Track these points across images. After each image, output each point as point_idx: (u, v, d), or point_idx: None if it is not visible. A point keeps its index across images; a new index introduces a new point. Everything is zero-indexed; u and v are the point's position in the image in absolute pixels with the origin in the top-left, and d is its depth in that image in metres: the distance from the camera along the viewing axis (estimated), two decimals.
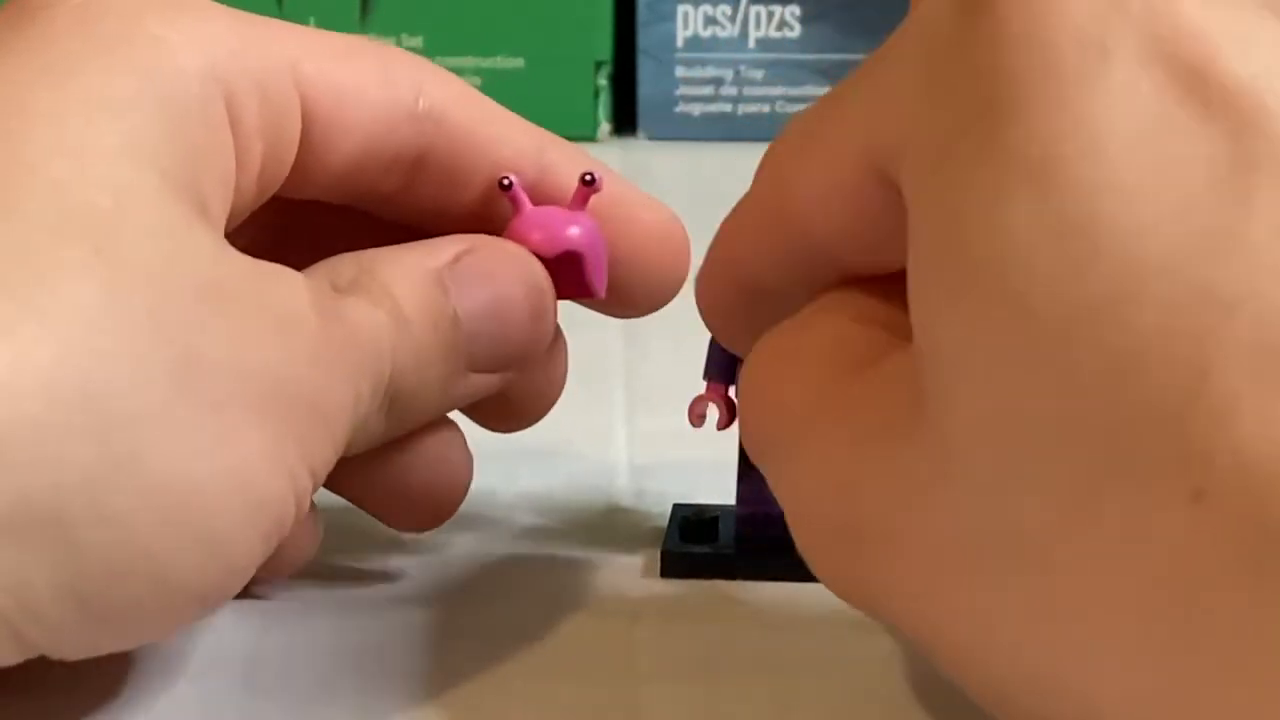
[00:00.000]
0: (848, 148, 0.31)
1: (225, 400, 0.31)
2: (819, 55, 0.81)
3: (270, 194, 0.36)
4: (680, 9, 0.80)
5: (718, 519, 0.40)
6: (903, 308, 0.29)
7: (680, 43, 0.81)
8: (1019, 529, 0.27)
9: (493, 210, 0.38)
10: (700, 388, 0.40)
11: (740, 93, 0.81)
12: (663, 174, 0.77)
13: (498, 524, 0.42)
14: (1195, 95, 0.26)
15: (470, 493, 0.43)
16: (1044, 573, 0.27)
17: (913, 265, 0.29)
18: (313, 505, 0.37)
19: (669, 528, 0.41)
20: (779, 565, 0.38)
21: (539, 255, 0.37)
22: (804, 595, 0.37)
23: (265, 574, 0.37)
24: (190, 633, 0.36)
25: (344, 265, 0.35)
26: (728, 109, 0.81)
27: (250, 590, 0.38)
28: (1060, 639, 0.27)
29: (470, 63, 0.78)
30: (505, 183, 0.37)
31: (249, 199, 0.35)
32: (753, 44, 0.81)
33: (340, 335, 0.33)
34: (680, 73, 0.81)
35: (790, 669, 0.35)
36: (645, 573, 0.40)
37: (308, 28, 0.36)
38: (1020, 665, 0.27)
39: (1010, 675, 0.28)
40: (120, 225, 0.31)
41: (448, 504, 0.38)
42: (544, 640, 0.37)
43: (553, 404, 0.40)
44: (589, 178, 0.37)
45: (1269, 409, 0.25)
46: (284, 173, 0.35)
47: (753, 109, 0.81)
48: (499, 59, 0.78)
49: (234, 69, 0.34)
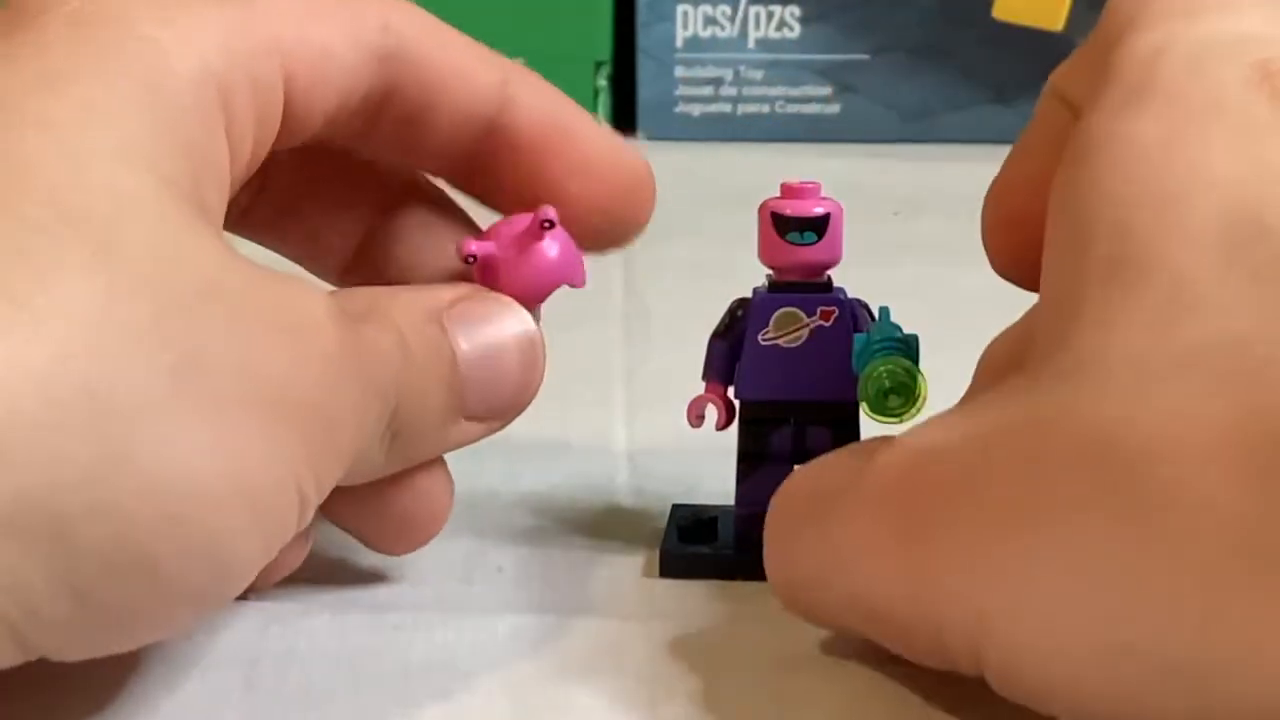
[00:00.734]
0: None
1: (224, 399, 0.31)
2: (819, 55, 0.81)
3: (255, 169, 0.36)
4: (680, 9, 0.80)
5: (716, 519, 0.40)
6: None
7: (680, 43, 0.81)
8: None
9: (463, 144, 0.38)
10: (700, 388, 0.40)
11: (740, 93, 0.81)
12: (663, 174, 0.77)
13: (498, 524, 0.42)
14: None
15: (470, 493, 0.43)
16: None
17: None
18: None
19: (668, 528, 0.41)
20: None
21: (549, 291, 0.38)
22: None
23: (259, 582, 0.37)
24: (190, 633, 0.36)
25: (353, 297, 0.35)
26: (727, 109, 0.81)
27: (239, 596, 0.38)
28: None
29: None
30: (469, 259, 0.37)
31: (239, 182, 0.35)
32: (752, 44, 0.81)
33: (356, 350, 0.34)
34: (680, 73, 0.81)
35: (790, 669, 0.35)
36: (645, 573, 0.40)
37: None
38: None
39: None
40: (120, 228, 0.31)
41: (427, 531, 0.38)
42: (544, 640, 0.37)
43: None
44: (548, 224, 0.38)
45: None
46: (269, 147, 0.36)
47: (752, 109, 0.81)
48: None
49: (226, 64, 0.34)
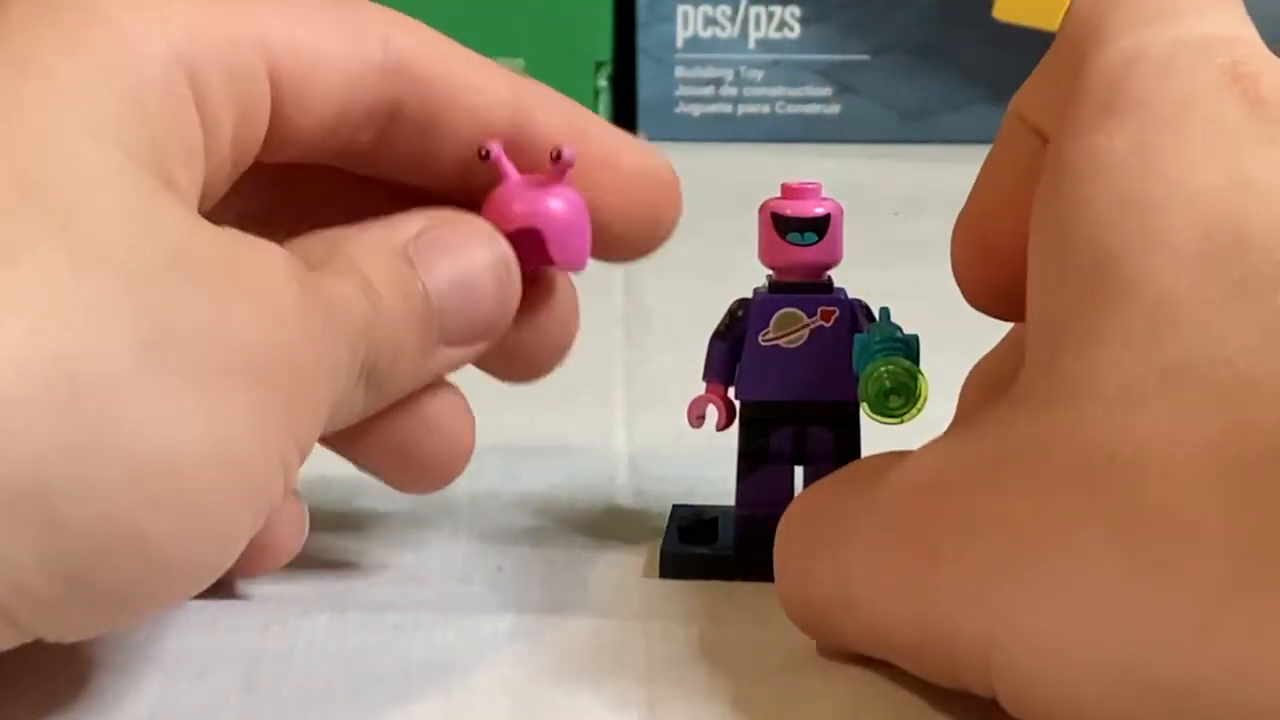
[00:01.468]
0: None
1: (200, 368, 0.31)
2: (819, 56, 0.81)
3: (249, 162, 0.36)
4: (680, 9, 0.80)
5: (717, 520, 0.40)
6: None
7: (680, 43, 0.81)
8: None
9: (474, 164, 0.38)
10: (700, 388, 0.40)
11: (740, 93, 0.81)
12: None
13: (498, 524, 0.42)
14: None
15: (470, 493, 0.43)
16: None
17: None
18: (298, 497, 0.37)
19: (668, 528, 0.41)
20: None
21: (514, 227, 0.37)
22: None
23: (255, 569, 0.37)
24: (190, 633, 0.36)
25: (314, 243, 0.35)
26: (727, 109, 0.81)
27: (240, 588, 0.38)
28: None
29: None
30: (484, 153, 0.37)
31: (225, 169, 0.35)
32: (752, 44, 0.81)
33: (319, 305, 0.33)
34: (680, 73, 0.81)
35: (790, 669, 0.35)
36: (645, 573, 0.40)
37: None
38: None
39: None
40: (84, 201, 0.31)
41: (452, 468, 0.38)
42: (544, 640, 0.37)
43: (566, 351, 0.40)
44: (557, 155, 0.37)
45: None
46: (258, 140, 0.35)
47: (752, 109, 0.81)
48: (499, 59, 0.78)
49: (194, 48, 0.34)
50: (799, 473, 0.39)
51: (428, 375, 0.37)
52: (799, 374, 0.39)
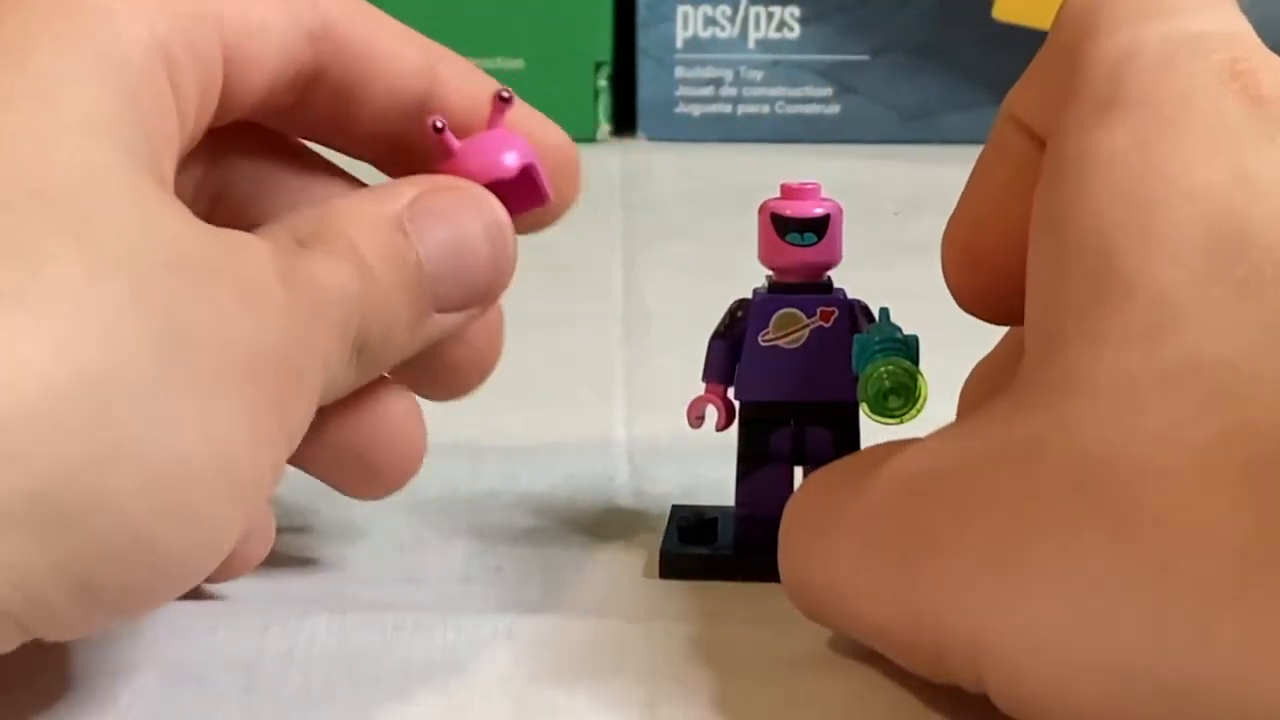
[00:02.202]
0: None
1: (207, 376, 0.31)
2: (818, 56, 0.81)
3: (200, 137, 0.36)
4: (680, 10, 0.80)
5: (716, 520, 0.40)
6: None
7: (680, 43, 0.81)
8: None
9: (390, 126, 0.38)
10: (700, 388, 0.40)
11: (740, 93, 0.81)
12: (663, 174, 0.77)
13: (498, 524, 0.42)
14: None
15: (470, 493, 0.43)
16: None
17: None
18: (268, 504, 0.36)
19: (667, 528, 0.41)
20: (777, 566, 0.38)
21: (514, 171, 0.37)
22: None
23: (221, 575, 0.37)
24: (190, 634, 0.36)
25: (304, 218, 0.35)
26: (727, 110, 0.81)
27: (240, 589, 0.38)
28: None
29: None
30: (438, 125, 0.37)
31: (186, 149, 0.35)
32: (752, 45, 0.81)
33: (308, 296, 0.33)
34: (680, 73, 0.81)
35: (790, 669, 0.35)
36: (645, 573, 0.40)
37: None
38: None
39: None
40: (93, 207, 0.31)
41: (406, 471, 0.38)
42: (544, 640, 0.37)
43: (493, 366, 0.39)
44: (506, 95, 0.37)
45: None
46: (210, 116, 0.35)
47: (752, 110, 0.81)
48: (499, 59, 0.78)
49: (169, 31, 0.34)
50: (799, 473, 0.39)
51: (421, 344, 0.36)
52: (798, 374, 0.39)
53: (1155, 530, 0.29)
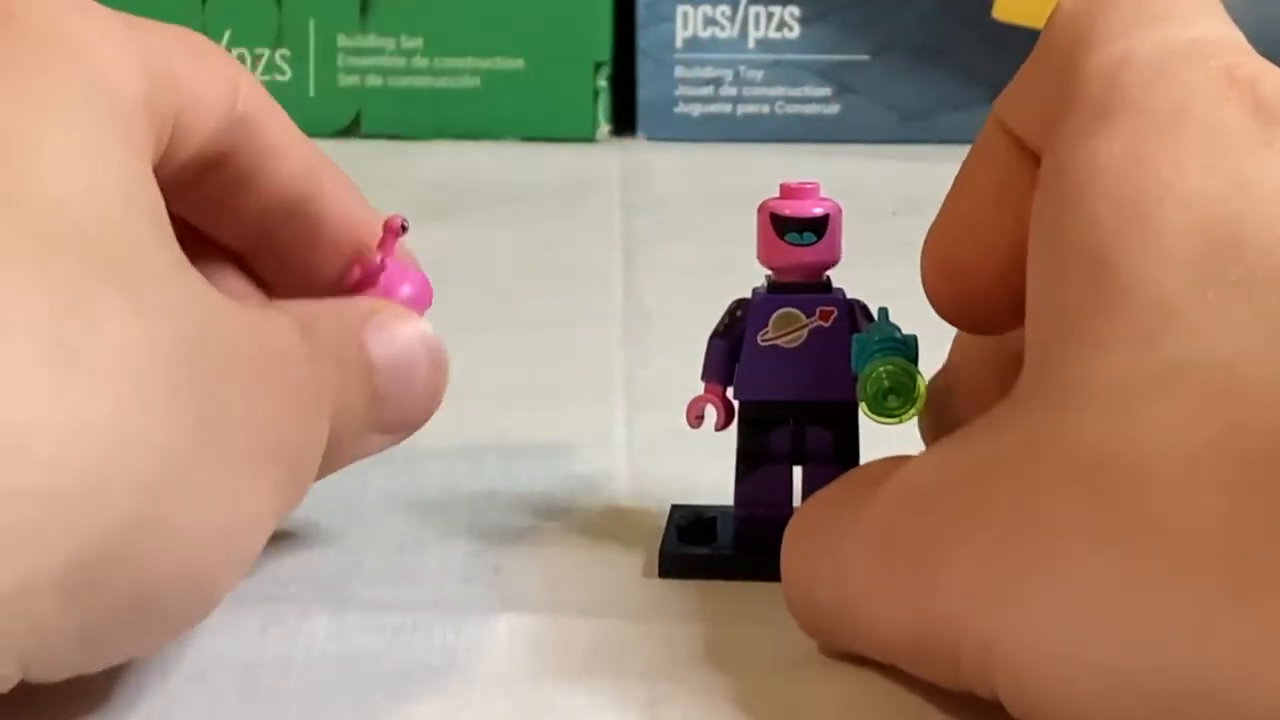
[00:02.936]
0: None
1: (235, 452, 0.32)
2: (818, 56, 0.81)
3: None
4: (680, 9, 0.80)
5: (716, 520, 0.40)
6: None
7: (679, 43, 0.81)
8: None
9: (266, 221, 0.39)
10: (700, 388, 0.40)
11: (740, 93, 0.81)
12: (662, 174, 0.77)
13: (498, 524, 0.42)
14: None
15: (469, 493, 0.43)
16: None
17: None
18: None
19: (667, 528, 0.41)
20: (777, 566, 0.38)
21: (423, 307, 0.39)
22: None
23: None
24: (189, 636, 0.36)
25: (292, 311, 0.35)
26: (727, 109, 0.81)
27: (240, 590, 0.38)
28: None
29: (470, 63, 0.78)
30: (404, 225, 0.39)
31: None
32: (752, 44, 0.81)
33: (320, 377, 0.34)
34: (679, 73, 0.81)
35: (790, 669, 0.35)
36: (645, 573, 0.40)
37: (152, 23, 0.35)
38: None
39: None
40: (140, 270, 0.31)
41: None
42: (543, 640, 0.37)
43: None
44: (404, 225, 0.39)
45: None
46: None
47: (752, 109, 0.81)
48: (499, 59, 0.78)
49: (148, 90, 0.34)
50: (798, 473, 0.39)
51: (351, 459, 0.37)
52: (798, 374, 0.39)
53: (1154, 533, 0.29)
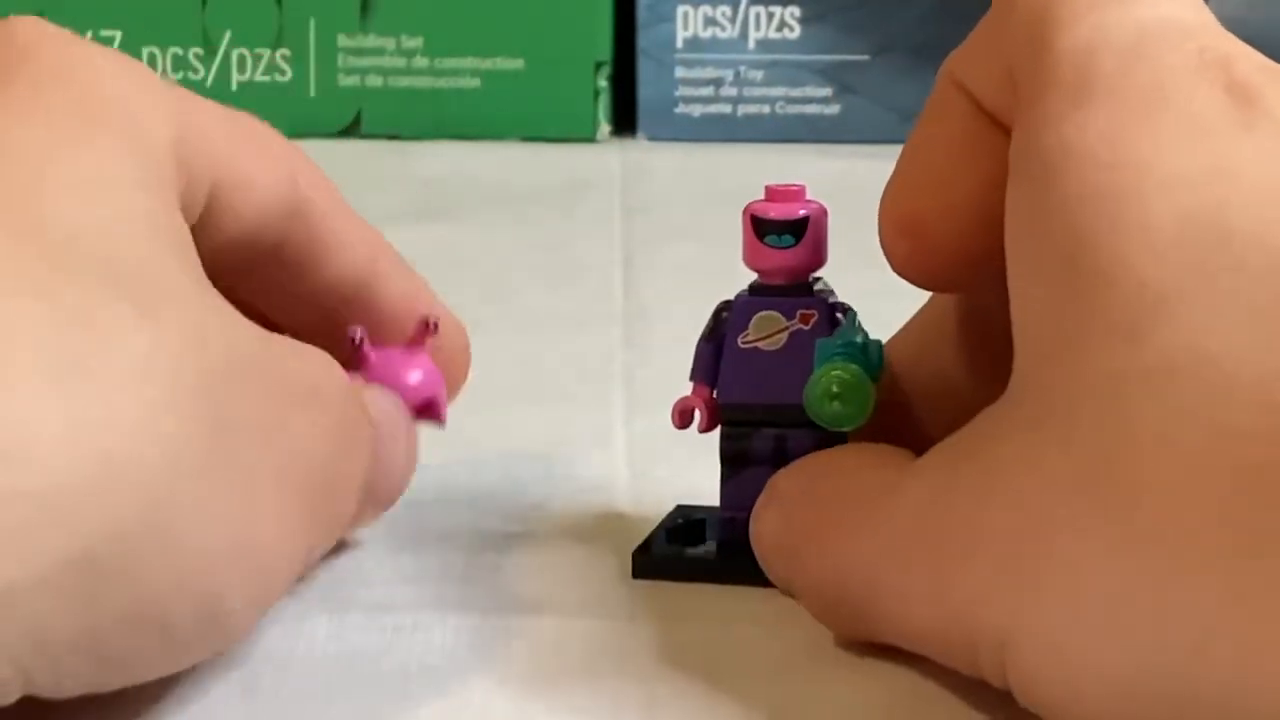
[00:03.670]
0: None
1: (253, 472, 0.32)
2: (819, 56, 0.81)
3: None
4: (680, 10, 0.80)
5: (704, 522, 0.40)
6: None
7: (680, 43, 0.81)
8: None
9: (322, 306, 0.39)
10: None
11: (740, 93, 0.81)
12: (662, 174, 0.77)
13: (498, 524, 0.42)
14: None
15: (469, 493, 0.43)
16: None
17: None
18: None
19: (657, 529, 0.40)
20: (755, 570, 0.38)
21: (421, 398, 0.39)
22: None
23: None
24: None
25: None
26: (727, 110, 0.81)
27: None
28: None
29: (470, 63, 0.78)
30: (355, 338, 0.38)
31: None
32: (752, 45, 0.81)
33: (362, 418, 0.35)
34: (680, 73, 0.81)
35: (789, 670, 0.35)
36: None
37: (203, 99, 0.36)
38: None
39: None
40: (157, 290, 0.31)
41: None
42: (543, 642, 0.37)
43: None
44: (432, 324, 0.39)
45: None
46: None
47: (752, 110, 0.81)
48: (499, 59, 0.78)
49: (177, 141, 0.34)
50: None
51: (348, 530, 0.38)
52: (779, 377, 0.38)
53: (1152, 542, 0.29)
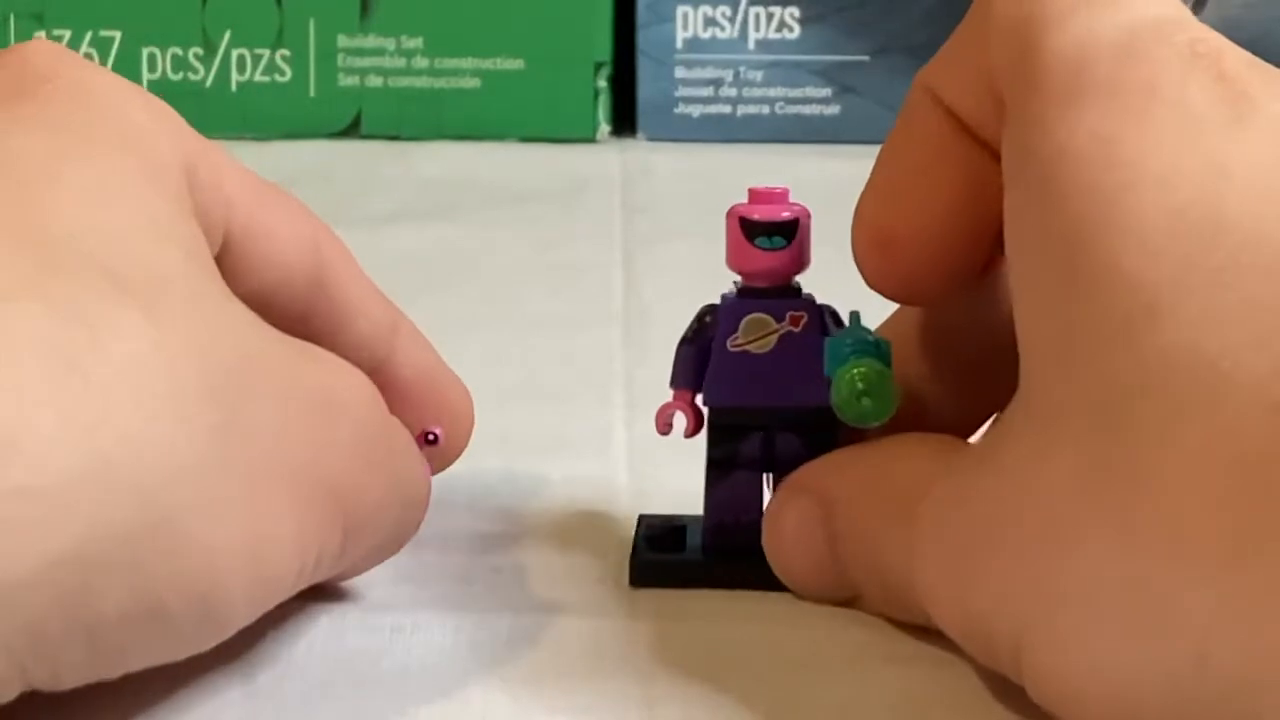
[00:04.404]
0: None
1: (259, 471, 0.32)
2: (818, 56, 0.81)
3: None
4: (680, 10, 0.80)
5: (685, 529, 0.40)
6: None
7: (680, 44, 0.81)
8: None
9: None
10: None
11: (740, 94, 0.81)
12: (662, 175, 0.77)
13: (497, 524, 0.42)
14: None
15: (469, 493, 0.43)
16: None
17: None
18: None
19: (635, 538, 0.40)
20: (746, 573, 0.38)
21: None
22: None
23: None
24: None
25: None
26: (727, 110, 0.81)
27: None
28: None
29: (470, 63, 0.78)
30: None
31: None
32: (752, 45, 0.81)
33: (393, 438, 0.35)
34: (680, 74, 0.81)
35: (789, 669, 0.35)
36: None
37: (230, 156, 0.36)
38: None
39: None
40: (163, 293, 0.31)
41: None
42: (543, 641, 0.37)
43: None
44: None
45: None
46: None
47: (752, 110, 0.81)
48: (499, 59, 0.78)
49: (186, 166, 0.34)
50: (768, 479, 0.39)
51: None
52: (768, 379, 0.38)
53: (1151, 542, 0.29)
